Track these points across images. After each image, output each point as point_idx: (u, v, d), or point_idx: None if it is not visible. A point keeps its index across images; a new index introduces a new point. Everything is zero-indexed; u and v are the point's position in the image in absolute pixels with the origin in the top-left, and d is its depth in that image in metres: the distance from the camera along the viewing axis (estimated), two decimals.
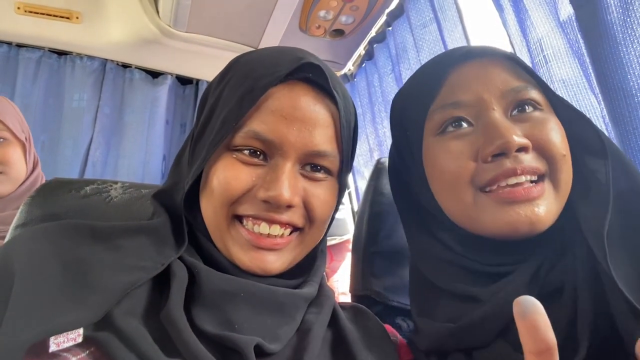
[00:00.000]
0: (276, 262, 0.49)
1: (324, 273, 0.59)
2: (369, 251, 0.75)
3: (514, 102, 0.50)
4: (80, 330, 0.40)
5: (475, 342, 0.49)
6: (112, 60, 1.95)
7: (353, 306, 0.61)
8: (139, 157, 1.91)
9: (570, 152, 0.50)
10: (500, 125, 0.47)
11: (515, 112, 0.50)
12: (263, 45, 1.72)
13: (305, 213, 0.50)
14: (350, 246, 0.86)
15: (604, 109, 0.81)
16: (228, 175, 0.48)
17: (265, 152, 0.49)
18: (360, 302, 0.73)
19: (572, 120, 0.52)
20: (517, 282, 0.47)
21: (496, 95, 0.50)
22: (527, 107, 0.50)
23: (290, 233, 0.51)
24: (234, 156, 0.49)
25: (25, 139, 1.19)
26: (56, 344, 0.38)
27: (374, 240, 0.76)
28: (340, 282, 1.59)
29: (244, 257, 0.48)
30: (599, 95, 0.82)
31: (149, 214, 0.59)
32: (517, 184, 0.46)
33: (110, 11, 1.74)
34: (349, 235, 1.72)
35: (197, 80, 2.10)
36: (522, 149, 0.47)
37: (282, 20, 1.55)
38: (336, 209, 0.56)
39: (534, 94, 0.51)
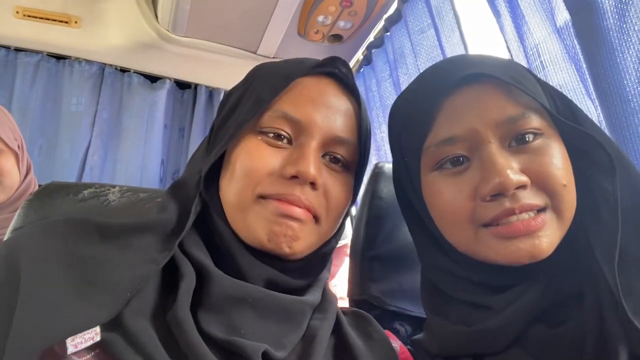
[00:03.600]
0: (299, 235, 0.49)
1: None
2: (367, 255, 0.75)
3: (511, 133, 0.48)
4: (97, 329, 0.39)
5: (489, 347, 0.48)
6: (110, 65, 1.95)
7: (354, 311, 0.61)
8: (137, 161, 1.90)
9: (576, 172, 0.49)
10: (497, 162, 0.46)
11: (514, 143, 0.48)
12: (262, 50, 1.73)
13: (324, 201, 0.51)
14: (348, 251, 0.86)
15: (601, 115, 0.81)
16: (254, 156, 0.50)
17: (290, 136, 0.51)
18: (358, 306, 0.73)
19: (577, 137, 0.50)
20: (531, 290, 0.47)
21: (491, 126, 0.48)
22: (527, 137, 0.48)
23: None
24: (259, 138, 0.51)
25: (18, 147, 1.18)
26: (74, 345, 0.38)
27: (372, 245, 0.76)
28: (339, 286, 1.58)
29: (268, 227, 0.48)
30: (596, 100, 0.82)
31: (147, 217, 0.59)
32: (516, 217, 0.46)
33: (108, 16, 1.75)
34: (347, 240, 1.72)
35: (196, 85, 2.11)
36: (520, 187, 0.45)
37: (280, 25, 1.55)
38: (351, 205, 0.57)
39: (533, 121, 0.48)
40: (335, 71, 0.55)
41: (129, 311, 0.41)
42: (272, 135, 0.51)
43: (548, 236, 0.46)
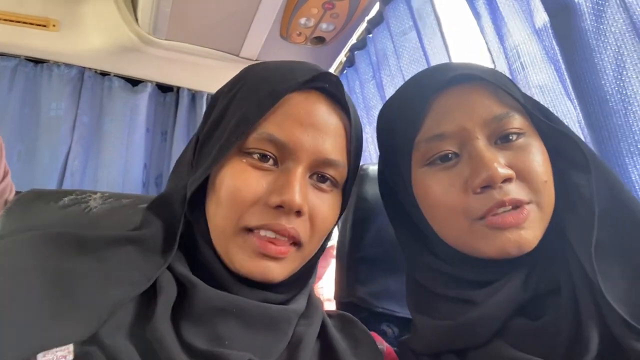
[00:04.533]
0: (277, 269, 0.48)
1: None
2: (353, 257, 0.75)
3: (497, 131, 0.51)
4: (71, 347, 0.38)
5: (472, 341, 0.50)
6: (90, 69, 1.92)
7: (340, 314, 0.60)
8: (119, 166, 1.87)
9: (553, 170, 0.52)
10: (484, 156, 0.49)
11: (499, 141, 0.52)
12: (244, 52, 1.72)
13: (309, 226, 0.50)
14: (334, 252, 0.86)
15: (580, 114, 0.83)
16: (238, 183, 0.48)
17: (276, 157, 0.49)
18: (345, 308, 0.73)
19: (556, 137, 0.54)
20: (512, 282, 0.50)
21: (479, 123, 0.51)
22: (510, 136, 0.51)
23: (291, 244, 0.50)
24: (244, 160, 0.49)
25: None
26: None
27: (358, 247, 0.76)
28: (325, 288, 1.58)
29: (248, 264, 0.47)
30: (575, 100, 0.84)
31: (130, 224, 0.57)
32: (505, 210, 0.49)
33: (88, 19, 1.72)
34: (333, 241, 1.72)
35: (178, 88, 2.09)
36: (507, 179, 0.49)
37: (263, 27, 1.55)
38: (336, 223, 0.56)
39: (516, 121, 0.52)
40: (325, 86, 0.52)
41: (106, 328, 0.40)
42: (257, 156, 0.49)
43: (532, 228, 0.49)
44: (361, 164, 0.81)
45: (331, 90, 0.53)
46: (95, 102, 1.92)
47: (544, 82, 0.93)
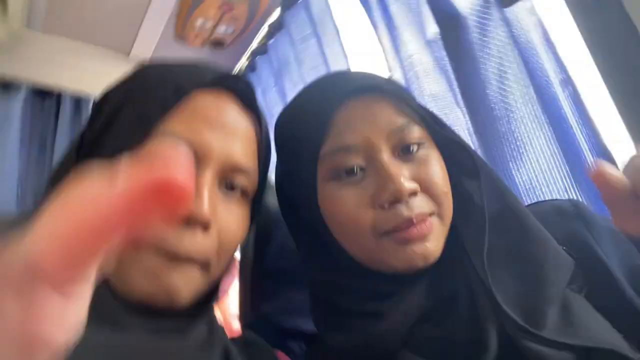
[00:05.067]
0: (182, 289, 0.42)
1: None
2: (257, 273, 0.72)
3: (399, 142, 0.52)
4: None
5: (380, 353, 0.49)
6: None
7: (244, 339, 0.57)
8: None
9: (450, 178, 0.54)
10: (390, 170, 0.49)
11: (401, 153, 0.52)
12: (135, 52, 1.59)
13: (216, 242, 0.45)
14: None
15: (469, 122, 0.88)
16: None
17: None
18: (250, 327, 0.69)
19: (449, 145, 0.55)
20: (416, 292, 0.50)
21: (382, 136, 0.51)
22: (411, 147, 0.52)
23: None
24: None
25: None
26: None
27: (261, 261, 0.72)
28: (231, 304, 1.52)
29: (147, 285, 0.41)
30: (464, 109, 0.89)
31: None
32: (410, 225, 0.49)
33: None
34: (237, 255, 1.66)
35: (59, 92, 1.87)
36: (412, 193, 0.49)
37: (155, 26, 1.45)
38: (245, 237, 0.51)
39: (415, 132, 0.53)
40: (236, 87, 0.48)
41: None
42: None
43: (435, 239, 0.50)
44: None
45: (242, 92, 0.49)
46: None
47: (436, 91, 0.97)
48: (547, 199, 0.75)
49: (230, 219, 0.46)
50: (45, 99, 1.88)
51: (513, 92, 0.79)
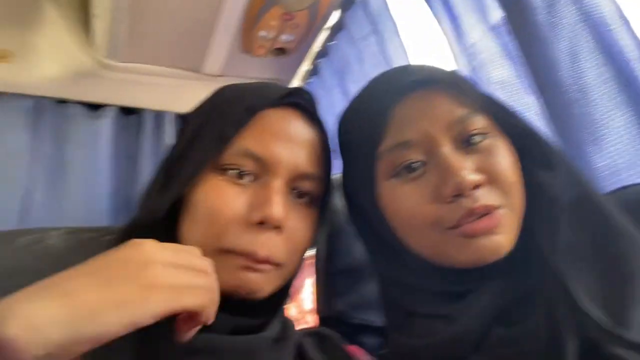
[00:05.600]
0: (262, 281, 0.48)
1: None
2: (330, 271, 0.74)
3: (461, 134, 0.50)
4: None
5: (452, 357, 0.49)
6: (47, 97, 1.86)
7: (317, 332, 0.59)
8: (84, 195, 1.81)
9: (520, 169, 0.51)
10: (452, 164, 0.48)
11: (464, 144, 0.50)
12: (207, 69, 1.69)
13: (288, 243, 0.49)
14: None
15: (541, 107, 0.84)
16: (215, 201, 0.47)
17: (253, 173, 0.49)
18: (326, 322, 0.72)
19: (520, 134, 0.53)
20: (487, 296, 0.48)
21: (442, 128, 0.50)
22: (475, 138, 0.50)
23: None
24: (220, 178, 0.48)
25: None
26: None
27: (333, 259, 0.75)
28: (306, 300, 1.57)
29: (232, 279, 0.46)
30: (535, 94, 0.85)
31: None
32: (476, 217, 0.47)
33: (41, 47, 1.67)
34: (312, 250, 1.70)
35: (141, 110, 2.04)
36: (476, 185, 0.48)
37: (223, 42, 1.53)
38: (314, 239, 0.55)
39: (479, 122, 0.51)
40: (299, 102, 0.53)
41: None
42: (234, 172, 0.48)
43: (506, 232, 0.48)
44: None
45: (305, 105, 0.54)
46: (54, 131, 1.85)
47: (504, 77, 0.94)
48: (629, 183, 0.70)
49: (299, 223, 0.50)
50: (129, 118, 2.05)
51: (587, 72, 0.74)
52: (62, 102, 1.89)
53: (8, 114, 1.78)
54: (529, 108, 0.88)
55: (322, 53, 1.71)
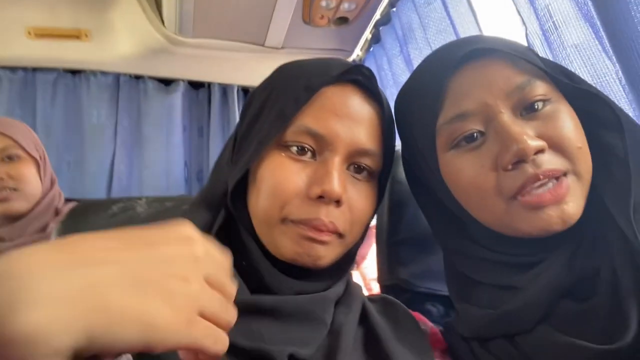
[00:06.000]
0: (324, 251, 0.50)
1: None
2: (392, 240, 0.76)
3: (521, 101, 0.49)
4: (129, 356, 0.40)
5: (517, 328, 0.49)
6: (124, 74, 1.98)
7: (382, 298, 0.61)
8: (161, 166, 1.94)
9: (585, 132, 0.49)
10: (512, 130, 0.47)
11: (524, 112, 0.49)
12: (269, 41, 1.73)
13: (349, 216, 0.51)
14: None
15: (619, 72, 0.79)
16: (279, 176, 0.49)
17: (314, 149, 0.51)
18: (388, 291, 0.74)
19: (585, 97, 0.51)
20: (555, 266, 0.48)
21: (501, 97, 0.49)
22: (536, 105, 0.49)
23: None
24: (283, 154, 0.50)
25: (40, 157, 1.21)
26: None
27: (397, 229, 0.76)
28: (370, 268, 1.60)
29: (295, 247, 0.49)
30: (613, 57, 0.80)
31: None
32: (542, 186, 0.46)
33: (116, 25, 1.77)
34: (374, 221, 1.72)
35: (209, 83, 2.12)
36: (539, 151, 0.46)
37: (285, 14, 1.55)
38: (375, 212, 0.57)
39: (539, 88, 0.49)
40: (358, 78, 0.53)
41: None
42: (295, 149, 0.50)
43: (574, 200, 0.47)
44: None
45: (364, 82, 0.54)
46: (133, 105, 1.98)
47: (580, 40, 0.88)
48: None
49: (359, 196, 0.52)
50: (199, 92, 2.15)
51: None
52: (137, 77, 2.02)
53: (91, 90, 1.93)
54: (606, 72, 0.83)
55: (384, 20, 1.67)
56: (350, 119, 0.51)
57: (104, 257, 0.28)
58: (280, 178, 0.49)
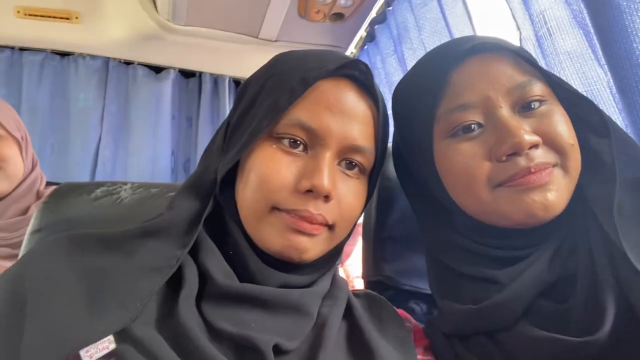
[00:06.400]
0: (310, 245, 0.49)
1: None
2: (379, 237, 0.76)
3: (520, 99, 0.51)
4: (111, 337, 0.40)
5: (498, 324, 0.50)
6: (114, 58, 1.95)
7: (366, 294, 0.61)
8: (148, 154, 1.92)
9: (577, 136, 0.51)
10: (510, 124, 0.48)
11: (522, 110, 0.51)
12: (263, 34, 1.71)
13: (338, 210, 0.50)
14: (361, 230, 0.86)
15: (611, 80, 0.79)
16: (268, 168, 0.49)
17: (305, 143, 0.50)
18: (372, 287, 0.74)
19: (576, 103, 0.53)
20: (538, 264, 0.49)
21: (502, 92, 0.50)
22: (532, 104, 0.51)
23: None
24: (274, 146, 0.50)
25: (22, 137, 1.18)
26: (89, 355, 0.39)
27: (383, 226, 0.76)
28: (354, 265, 1.60)
29: (280, 240, 0.48)
30: (605, 66, 0.80)
31: (159, 212, 0.59)
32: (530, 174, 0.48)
33: (108, 9, 1.74)
34: (360, 219, 1.72)
35: (200, 73, 2.10)
36: (533, 145, 0.48)
37: (280, 7, 1.54)
38: (364, 208, 0.57)
39: (538, 89, 0.51)
40: (355, 73, 0.52)
41: (136, 322, 0.42)
42: (287, 142, 0.50)
43: (557, 190, 0.48)
44: None
45: (360, 78, 0.53)
46: (121, 91, 1.96)
47: (573, 47, 0.89)
48: None
49: (348, 192, 0.51)
50: (189, 81, 2.13)
51: None
52: (127, 63, 1.99)
53: (79, 73, 1.89)
54: (598, 80, 0.84)
55: (379, 19, 1.67)
56: (344, 115, 0.50)
57: None
58: (270, 170, 0.48)
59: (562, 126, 0.50)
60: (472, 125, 0.51)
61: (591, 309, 0.44)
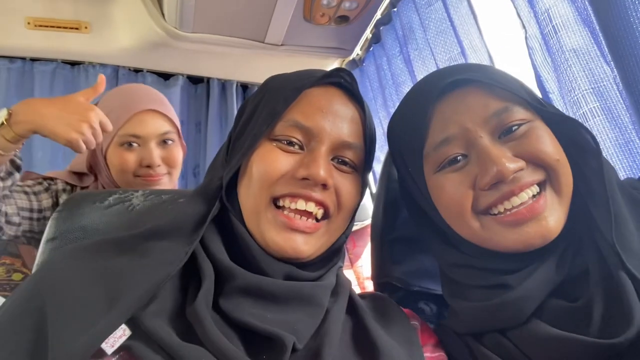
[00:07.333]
0: (306, 244, 0.53)
1: (346, 260, 0.61)
2: (387, 238, 0.76)
3: (499, 126, 0.53)
4: (124, 325, 0.43)
5: (509, 321, 0.51)
6: (123, 66, 1.98)
7: (372, 295, 0.64)
8: None
9: (567, 154, 0.52)
10: (492, 153, 0.50)
11: (502, 135, 0.53)
12: (269, 38, 1.72)
13: (335, 199, 0.55)
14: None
15: (617, 77, 0.79)
16: (268, 160, 0.54)
17: (301, 143, 0.55)
18: (382, 289, 0.75)
19: (561, 122, 0.54)
20: (544, 267, 0.50)
21: (479, 122, 0.53)
22: (513, 128, 0.52)
23: (320, 219, 0.55)
24: (274, 145, 0.55)
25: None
26: (110, 345, 0.41)
27: (392, 227, 0.77)
28: (365, 267, 1.61)
29: (278, 238, 0.52)
30: (612, 63, 0.80)
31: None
32: (520, 204, 0.49)
33: (117, 18, 1.77)
34: (370, 220, 1.72)
35: (208, 79, 2.12)
36: (517, 171, 0.49)
37: (285, 11, 1.54)
38: (359, 203, 0.60)
39: (516, 113, 0.53)
40: (341, 81, 0.59)
41: (147, 314, 0.45)
42: (285, 142, 0.55)
43: (553, 214, 0.49)
44: None
45: (345, 84, 0.59)
46: None
47: (578, 45, 0.89)
48: None
49: (344, 183, 0.56)
50: (197, 87, 2.15)
51: None
52: (136, 71, 2.01)
53: (90, 81, 1.92)
54: (604, 78, 0.83)
55: (385, 20, 1.67)
56: (334, 115, 0.56)
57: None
58: (269, 162, 0.53)
59: (545, 142, 0.51)
60: (457, 157, 0.54)
61: (614, 309, 0.44)
